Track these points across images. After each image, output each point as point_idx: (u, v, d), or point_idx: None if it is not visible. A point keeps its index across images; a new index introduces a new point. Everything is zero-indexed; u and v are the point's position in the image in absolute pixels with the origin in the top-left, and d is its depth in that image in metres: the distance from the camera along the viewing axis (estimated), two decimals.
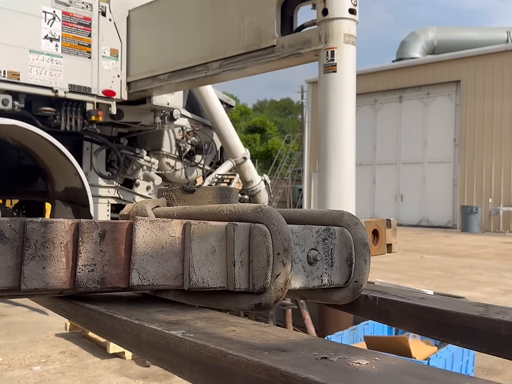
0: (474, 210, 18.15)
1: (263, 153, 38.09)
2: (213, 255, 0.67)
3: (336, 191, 3.50)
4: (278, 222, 0.66)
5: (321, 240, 0.74)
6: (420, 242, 13.47)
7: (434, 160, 20.72)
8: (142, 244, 0.65)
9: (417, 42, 23.05)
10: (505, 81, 19.14)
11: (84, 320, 0.69)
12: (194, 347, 0.52)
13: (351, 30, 3.55)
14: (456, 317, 0.72)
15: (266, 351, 0.49)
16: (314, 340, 0.55)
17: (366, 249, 0.76)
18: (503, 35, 22.41)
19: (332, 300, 0.79)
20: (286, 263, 0.65)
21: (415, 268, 8.38)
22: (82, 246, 0.64)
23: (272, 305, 0.66)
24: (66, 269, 0.64)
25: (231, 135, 6.26)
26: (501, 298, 5.98)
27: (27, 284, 0.62)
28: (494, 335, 0.69)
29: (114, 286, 0.66)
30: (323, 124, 3.56)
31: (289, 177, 27.41)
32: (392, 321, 0.81)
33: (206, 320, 0.62)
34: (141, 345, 0.59)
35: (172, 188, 0.88)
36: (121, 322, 0.62)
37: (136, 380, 3.20)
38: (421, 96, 21.15)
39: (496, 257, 10.32)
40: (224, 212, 0.71)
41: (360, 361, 0.48)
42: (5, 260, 0.62)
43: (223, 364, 0.49)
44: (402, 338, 2.86)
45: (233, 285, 0.67)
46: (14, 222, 0.63)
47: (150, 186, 6.11)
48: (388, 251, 1.10)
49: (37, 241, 0.62)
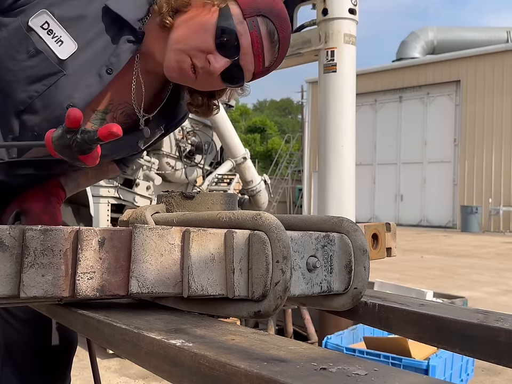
0: (474, 210, 18.16)
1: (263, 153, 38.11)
2: (212, 263, 0.67)
3: (336, 191, 3.50)
4: (277, 229, 0.66)
5: (321, 246, 0.74)
6: (420, 242, 13.48)
7: (434, 160, 20.73)
8: (141, 252, 0.65)
9: (417, 42, 23.05)
10: (505, 81, 19.14)
11: (83, 328, 0.69)
12: (193, 357, 0.52)
13: (351, 30, 3.55)
14: (456, 324, 0.73)
15: (265, 362, 0.49)
16: (313, 349, 0.55)
17: (365, 255, 0.76)
18: (503, 35, 22.42)
19: (331, 307, 0.79)
20: (285, 271, 0.65)
21: (415, 267, 8.38)
22: (81, 253, 0.64)
23: (271, 313, 0.66)
24: (66, 277, 0.64)
25: (231, 135, 6.26)
26: (501, 298, 5.99)
27: (26, 291, 0.62)
28: (493, 343, 0.69)
29: (114, 294, 0.66)
30: (323, 124, 3.56)
31: (289, 177, 27.43)
32: (391, 328, 0.81)
33: (205, 329, 0.62)
34: (139, 354, 0.59)
35: (172, 194, 0.88)
36: (120, 330, 0.62)
37: (136, 379, 3.21)
38: (421, 96, 21.16)
39: (496, 257, 10.33)
40: (224, 219, 0.71)
41: (359, 372, 0.48)
42: (4, 267, 0.62)
43: (222, 374, 0.49)
44: (401, 339, 2.86)
45: (233, 292, 0.67)
46: (13, 230, 0.63)
47: (150, 186, 6.11)
48: (387, 255, 1.11)
49: (36, 249, 0.62)
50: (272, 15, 1.05)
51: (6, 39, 1.04)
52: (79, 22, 1.06)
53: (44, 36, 1.03)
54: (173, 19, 1.07)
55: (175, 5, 1.06)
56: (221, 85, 1.11)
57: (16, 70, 1.04)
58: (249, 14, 1.03)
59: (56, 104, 1.08)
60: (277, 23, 1.05)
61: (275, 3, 1.08)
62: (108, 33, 1.08)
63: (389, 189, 21.70)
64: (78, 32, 1.06)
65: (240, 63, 1.05)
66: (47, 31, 1.03)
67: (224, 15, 1.03)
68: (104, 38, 1.08)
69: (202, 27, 1.03)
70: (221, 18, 1.02)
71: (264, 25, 1.04)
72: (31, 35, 1.03)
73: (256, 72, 1.09)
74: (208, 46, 1.03)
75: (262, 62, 1.07)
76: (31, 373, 1.35)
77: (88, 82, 1.07)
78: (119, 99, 1.17)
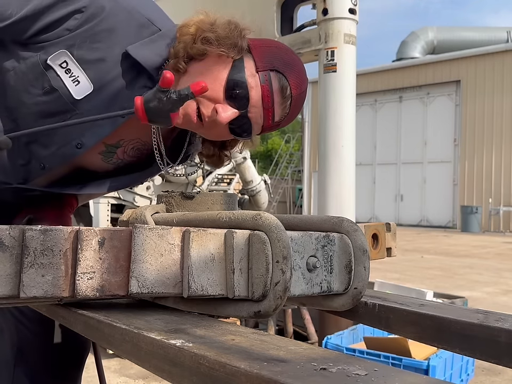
0: (474, 210, 18.15)
1: (263, 153, 38.11)
2: (212, 263, 0.67)
3: (336, 191, 3.50)
4: (277, 229, 0.66)
5: (321, 247, 0.74)
6: (420, 242, 13.48)
7: (434, 160, 20.72)
8: (141, 252, 0.65)
9: (417, 42, 23.04)
10: (505, 81, 19.14)
11: (83, 328, 0.69)
12: (193, 357, 0.52)
13: (351, 30, 3.54)
14: (456, 324, 0.72)
15: (265, 362, 0.49)
16: (313, 350, 0.55)
17: (365, 256, 0.76)
18: (503, 35, 22.41)
19: (331, 307, 0.79)
20: (285, 271, 0.65)
21: (415, 267, 8.38)
22: (81, 253, 0.64)
23: (271, 313, 0.66)
24: (66, 277, 0.64)
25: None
26: (501, 298, 5.99)
27: (26, 291, 0.62)
28: (494, 343, 0.69)
29: (114, 294, 0.66)
30: (323, 124, 3.56)
31: (289, 177, 27.41)
32: (391, 328, 0.81)
33: (205, 329, 0.62)
34: (139, 355, 0.58)
35: (171, 194, 0.88)
36: (120, 330, 0.62)
37: (136, 379, 3.21)
38: (421, 96, 21.15)
39: (496, 257, 10.33)
40: (223, 219, 0.71)
41: (359, 372, 0.48)
42: (4, 267, 0.62)
43: (222, 374, 0.49)
44: (401, 339, 2.86)
45: (233, 292, 0.67)
46: (13, 230, 0.63)
47: (150, 186, 6.11)
48: (387, 255, 1.11)
49: (36, 249, 0.62)
50: (287, 71, 1.06)
51: (24, 73, 1.04)
52: (98, 64, 1.06)
53: (61, 74, 1.04)
54: (187, 65, 1.07)
55: (191, 52, 1.06)
56: (229, 136, 1.11)
57: (30, 103, 1.05)
58: (263, 68, 1.04)
59: (66, 141, 1.09)
60: (290, 79, 1.06)
61: (291, 59, 1.08)
62: (125, 78, 1.08)
63: (389, 189, 21.69)
64: (96, 75, 1.06)
65: (249, 115, 1.05)
66: (65, 70, 1.04)
67: (237, 67, 1.03)
68: (121, 82, 1.08)
69: (214, 76, 1.04)
70: (233, 70, 1.03)
71: (277, 80, 1.04)
72: (48, 72, 1.04)
73: (265, 126, 1.09)
74: (217, 95, 1.03)
75: (271, 116, 1.07)
76: (43, 373, 1.35)
77: (100, 123, 1.08)
78: (131, 136, 1.18)
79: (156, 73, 1.10)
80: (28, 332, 1.33)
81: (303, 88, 1.10)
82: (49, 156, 1.11)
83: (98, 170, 1.22)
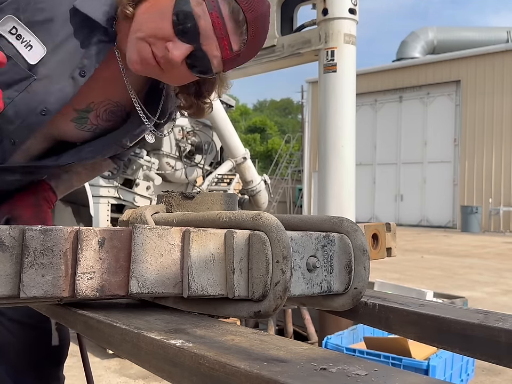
0: (474, 210, 18.15)
1: (263, 153, 38.11)
2: (212, 263, 0.67)
3: (336, 191, 3.50)
4: (277, 229, 0.66)
5: (321, 247, 0.74)
6: (420, 242, 13.48)
7: (434, 160, 20.72)
8: (141, 252, 0.65)
9: (417, 42, 23.03)
10: (505, 81, 19.13)
11: (83, 328, 0.69)
12: (193, 357, 0.52)
13: (351, 30, 3.55)
14: (456, 324, 0.72)
15: (266, 362, 0.49)
16: (313, 350, 0.55)
17: (365, 256, 0.76)
18: (503, 35, 22.40)
19: (331, 307, 0.79)
20: (285, 271, 0.65)
21: (415, 267, 8.38)
22: (81, 253, 0.64)
23: (271, 313, 0.66)
24: (66, 277, 0.64)
25: (231, 135, 6.25)
26: (501, 298, 5.99)
27: (26, 292, 0.62)
28: (494, 343, 0.69)
29: (114, 294, 0.66)
30: (323, 124, 3.56)
31: (289, 177, 27.42)
32: (391, 328, 0.81)
33: (205, 329, 0.62)
34: (139, 355, 0.58)
35: (171, 194, 0.88)
36: (120, 331, 0.62)
37: (136, 380, 3.21)
38: (421, 96, 21.15)
39: (496, 257, 10.32)
40: (223, 219, 0.71)
41: (359, 372, 0.48)
42: (4, 267, 0.62)
43: (222, 374, 0.49)
44: (401, 339, 2.86)
45: (233, 292, 0.67)
46: (13, 230, 0.63)
47: (150, 186, 6.11)
48: (387, 255, 1.11)
49: (36, 249, 0.62)
50: None
51: None
52: (47, 25, 1.02)
53: (13, 41, 1.00)
54: (134, 9, 1.01)
55: None
56: (192, 76, 1.04)
57: None
58: None
59: (30, 110, 1.05)
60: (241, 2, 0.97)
61: None
62: (78, 35, 1.04)
63: (389, 189, 21.69)
64: (47, 36, 1.02)
65: (203, 48, 0.97)
66: (15, 35, 1.00)
67: None
68: (74, 40, 1.04)
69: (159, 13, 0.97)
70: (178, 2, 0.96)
71: (226, 5, 0.95)
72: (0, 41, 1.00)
73: (224, 57, 1.00)
74: (166, 32, 0.97)
75: (228, 46, 0.98)
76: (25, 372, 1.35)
77: (61, 85, 1.04)
78: (100, 97, 1.14)
79: (109, 25, 1.05)
80: (7, 332, 1.33)
81: (260, 10, 1.00)
82: (16, 130, 1.06)
83: (76, 141, 1.18)
